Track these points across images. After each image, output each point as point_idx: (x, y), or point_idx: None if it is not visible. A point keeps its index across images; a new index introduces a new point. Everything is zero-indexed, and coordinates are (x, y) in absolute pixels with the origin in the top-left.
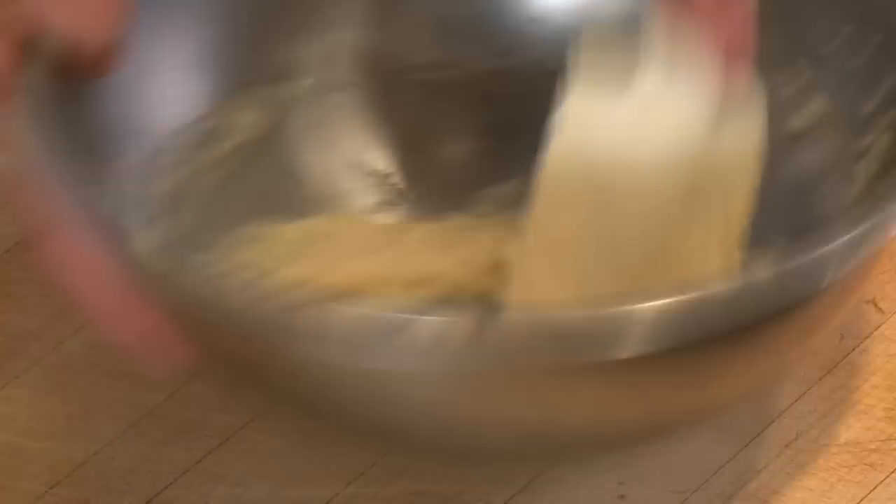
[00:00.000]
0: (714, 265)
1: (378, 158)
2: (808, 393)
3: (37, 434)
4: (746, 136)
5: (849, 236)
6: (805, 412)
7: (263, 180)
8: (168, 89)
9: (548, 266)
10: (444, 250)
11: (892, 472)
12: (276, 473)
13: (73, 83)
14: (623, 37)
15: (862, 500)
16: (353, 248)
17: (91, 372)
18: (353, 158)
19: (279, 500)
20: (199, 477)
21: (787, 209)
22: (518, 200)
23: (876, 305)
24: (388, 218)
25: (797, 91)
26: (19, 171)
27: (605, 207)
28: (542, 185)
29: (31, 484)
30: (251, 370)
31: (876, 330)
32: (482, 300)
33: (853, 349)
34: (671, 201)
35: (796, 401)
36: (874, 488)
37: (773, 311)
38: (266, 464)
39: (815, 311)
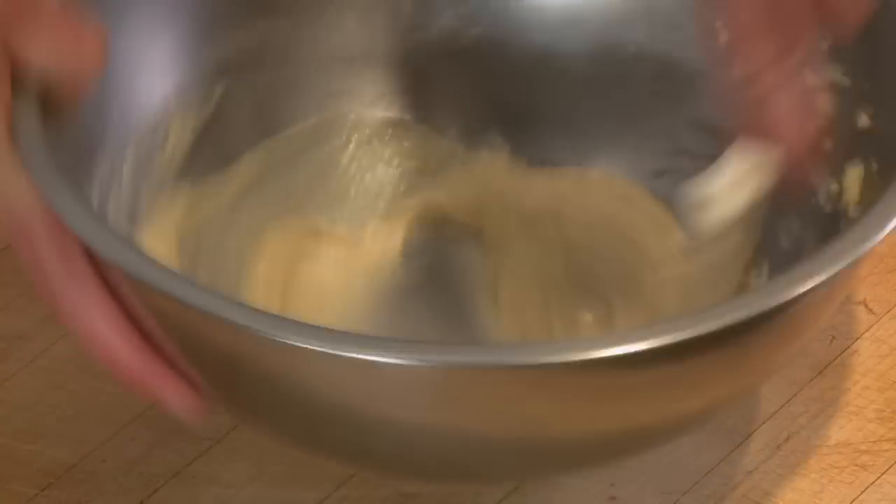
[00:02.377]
0: None
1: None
2: (799, 394)
3: (28, 436)
4: None
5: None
6: (796, 413)
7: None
8: (145, 81)
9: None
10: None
11: (883, 473)
12: (266, 475)
13: (53, 111)
14: None
15: (853, 501)
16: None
17: (82, 374)
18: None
19: (270, 502)
20: (191, 479)
21: None
22: None
23: (867, 307)
24: None
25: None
26: (20, 218)
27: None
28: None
29: (23, 486)
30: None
31: (867, 331)
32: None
33: (844, 350)
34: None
35: (787, 402)
36: (865, 489)
37: (758, 317)
38: (257, 465)
39: (799, 316)
